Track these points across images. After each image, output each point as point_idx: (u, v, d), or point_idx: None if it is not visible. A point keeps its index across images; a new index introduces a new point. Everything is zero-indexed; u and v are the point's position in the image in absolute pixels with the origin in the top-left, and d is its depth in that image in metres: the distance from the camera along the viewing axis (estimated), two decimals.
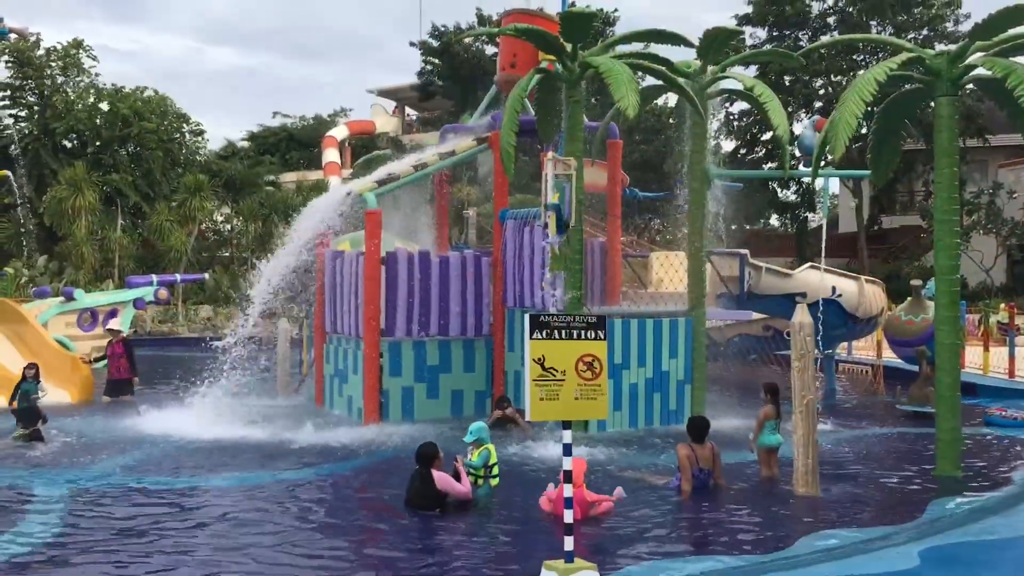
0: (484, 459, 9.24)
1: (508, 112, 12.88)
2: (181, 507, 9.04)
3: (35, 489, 9.71)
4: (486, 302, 15.26)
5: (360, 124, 49.79)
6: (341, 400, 15.37)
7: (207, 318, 32.81)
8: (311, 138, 51.36)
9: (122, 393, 16.74)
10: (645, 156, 36.01)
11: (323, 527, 8.40)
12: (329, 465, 11.22)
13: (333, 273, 15.67)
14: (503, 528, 8.42)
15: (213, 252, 40.80)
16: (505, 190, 15.57)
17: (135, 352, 17.46)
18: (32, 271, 33.01)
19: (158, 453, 11.78)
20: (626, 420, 13.66)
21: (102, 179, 37.53)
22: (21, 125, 40.63)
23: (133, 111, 40.02)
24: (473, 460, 9.25)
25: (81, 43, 41.22)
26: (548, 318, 6.68)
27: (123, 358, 16.90)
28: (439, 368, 14.82)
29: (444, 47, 39.80)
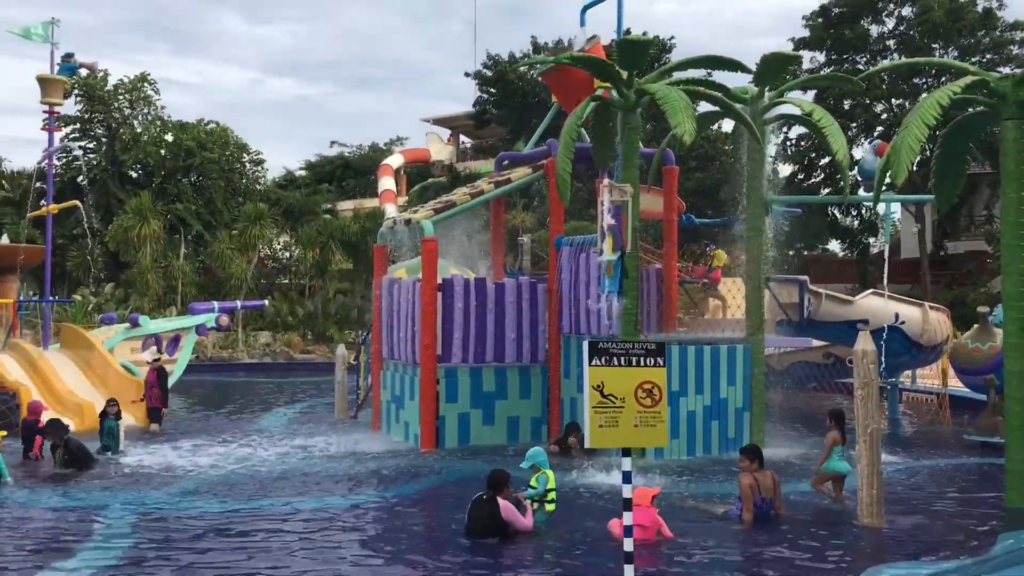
0: (543, 484, 9.21)
1: (564, 140, 12.94)
2: (241, 531, 9.16)
3: (103, 511, 9.93)
4: (542, 329, 15.27)
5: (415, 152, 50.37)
6: (398, 426, 15.46)
7: (266, 344, 33.29)
8: (367, 166, 52.10)
9: (152, 421, 16.38)
10: (701, 182, 35.82)
11: (381, 552, 8.44)
12: (386, 490, 11.28)
13: (390, 300, 15.82)
14: (563, 556, 8.37)
15: (272, 279, 41.49)
16: (561, 217, 15.62)
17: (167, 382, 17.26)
18: (99, 298, 33.88)
19: (219, 478, 11.94)
20: (683, 448, 13.51)
21: (166, 208, 38.51)
22: (90, 156, 41.95)
23: (196, 142, 41.08)
24: (532, 484, 9.22)
25: (147, 77, 42.51)
26: (607, 344, 6.67)
27: (155, 387, 16.49)
28: (495, 394, 14.85)
29: (498, 76, 40.17)
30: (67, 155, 40.35)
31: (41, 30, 22.01)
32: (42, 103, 22.12)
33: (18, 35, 21.84)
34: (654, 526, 8.64)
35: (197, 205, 40.59)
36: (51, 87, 21.91)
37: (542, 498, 9.22)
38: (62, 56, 23.00)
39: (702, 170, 36.77)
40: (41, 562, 8.00)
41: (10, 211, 39.52)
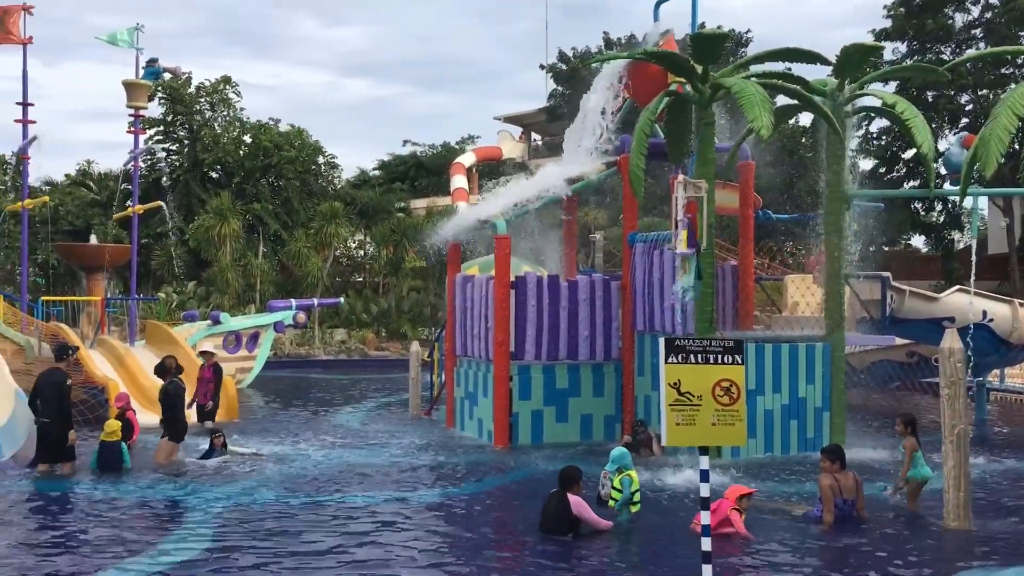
0: (627, 485, 9.16)
1: (637, 136, 12.84)
2: (319, 524, 9.31)
3: (190, 503, 10.21)
4: (615, 326, 15.18)
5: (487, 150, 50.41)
6: (471, 423, 15.54)
7: (342, 341, 33.79)
8: (439, 165, 52.44)
9: (206, 419, 15.78)
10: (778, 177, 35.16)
11: (455, 546, 8.50)
12: (460, 486, 11.36)
13: (463, 297, 15.91)
14: (637, 553, 8.31)
15: (347, 277, 42.10)
16: (634, 213, 15.50)
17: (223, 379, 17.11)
18: (182, 295, 34.83)
19: (297, 472, 12.16)
20: (761, 447, 13.29)
21: (245, 208, 39.39)
22: (173, 158, 43.16)
23: (273, 143, 41.94)
24: (615, 486, 9.18)
25: (228, 80, 43.52)
26: (684, 342, 6.60)
27: (212, 383, 16.04)
28: (568, 392, 14.82)
29: (571, 72, 40.03)
30: (151, 157, 41.57)
31: (127, 36, 22.71)
32: (128, 107, 22.84)
33: (105, 41, 22.56)
34: (730, 523, 8.58)
35: (275, 205, 41.44)
36: (136, 91, 22.61)
37: (628, 500, 9.17)
38: (147, 61, 23.70)
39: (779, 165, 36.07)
40: (129, 551, 8.26)
41: (98, 212, 40.87)
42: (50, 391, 11.89)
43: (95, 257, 27.21)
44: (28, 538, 8.79)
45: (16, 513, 9.90)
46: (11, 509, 10.07)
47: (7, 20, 21.30)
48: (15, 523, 9.44)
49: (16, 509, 10.08)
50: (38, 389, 12.11)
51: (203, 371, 16.13)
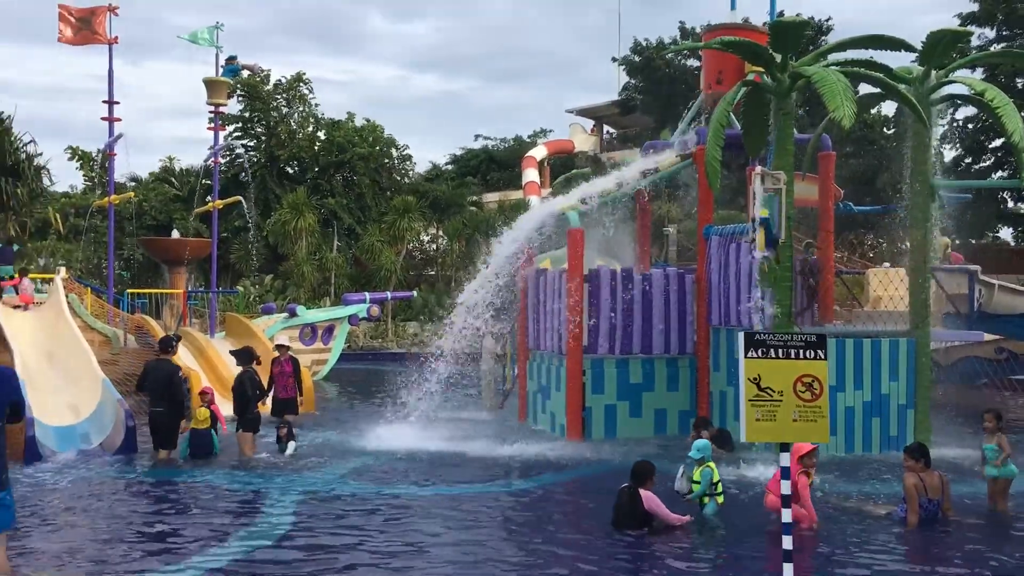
0: (707, 477, 9.06)
1: (714, 126, 12.63)
2: (395, 513, 9.40)
3: (270, 492, 10.41)
4: (690, 320, 14.98)
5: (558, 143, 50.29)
6: (544, 416, 15.52)
7: (414, 334, 34.11)
8: (511, 159, 52.53)
9: (287, 412, 14.95)
10: (858, 168, 34.29)
11: (528, 539, 8.48)
12: (533, 479, 11.35)
13: (536, 291, 15.88)
14: (712, 549, 8.18)
15: (420, 270, 42.48)
16: (710, 206, 15.27)
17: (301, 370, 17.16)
18: (259, 289, 35.59)
19: (374, 463, 12.31)
20: (841, 445, 12.97)
21: (320, 203, 40.02)
22: (251, 154, 44.08)
23: (346, 139, 42.51)
24: (695, 478, 9.07)
25: (302, 76, 44.26)
26: (764, 336, 6.45)
27: (291, 376, 15.35)
28: (642, 386, 14.68)
29: (645, 63, 39.67)
30: (230, 153, 42.54)
31: (207, 34, 23.25)
32: (208, 104, 23.39)
33: (187, 40, 23.13)
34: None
35: (348, 199, 42.01)
36: (216, 88, 23.13)
37: (711, 490, 9.06)
38: (226, 59, 24.23)
39: (860, 156, 35.19)
40: (214, 536, 8.46)
41: (179, 207, 41.98)
42: (160, 382, 12.25)
43: (177, 251, 28.01)
44: (118, 523, 9.06)
45: (109, 498, 10.21)
46: (104, 494, 10.40)
47: (94, 21, 22.00)
48: (107, 508, 9.74)
49: (110, 494, 10.40)
50: (147, 379, 12.47)
51: (282, 364, 15.68)
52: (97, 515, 9.41)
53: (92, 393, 14.44)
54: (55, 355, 16.86)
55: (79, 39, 22.09)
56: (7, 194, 29.19)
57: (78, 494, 10.38)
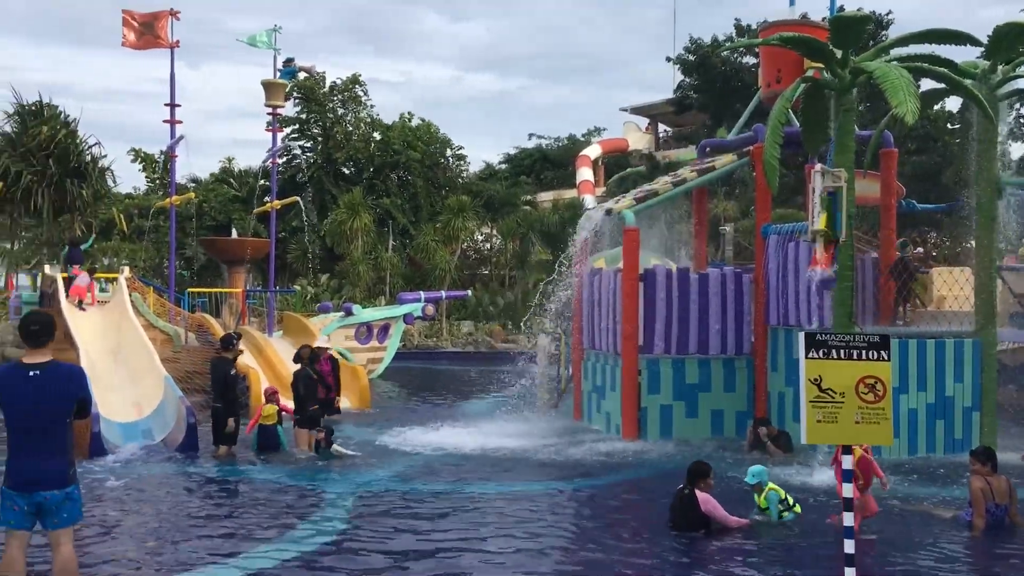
0: (774, 500, 8.87)
1: (772, 124, 12.45)
2: (452, 511, 9.43)
3: (328, 488, 10.53)
4: (747, 320, 14.80)
5: (613, 142, 50.13)
6: (599, 416, 15.46)
7: (469, 333, 34.24)
8: (565, 158, 52.46)
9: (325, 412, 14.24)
10: (922, 165, 33.56)
11: (585, 539, 8.45)
12: (589, 479, 11.32)
13: (591, 290, 15.83)
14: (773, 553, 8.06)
15: (474, 270, 42.64)
16: (767, 204, 15.07)
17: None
18: (316, 288, 36.04)
19: (429, 461, 12.37)
20: (904, 448, 12.69)
21: (375, 203, 40.39)
22: (307, 155, 44.67)
23: (401, 139, 42.84)
24: (761, 504, 8.92)
25: (358, 78, 44.71)
26: (825, 336, 6.34)
27: (331, 376, 14.87)
28: (698, 387, 14.55)
29: (700, 60, 39.30)
30: (287, 154, 43.15)
31: (265, 37, 23.57)
32: (266, 106, 23.72)
33: (246, 43, 23.48)
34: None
35: (403, 199, 42.34)
36: (274, 90, 23.45)
37: (786, 505, 8.91)
38: (283, 61, 24.55)
39: (923, 152, 34.43)
40: (272, 531, 8.58)
41: (238, 208, 42.70)
42: (218, 379, 12.50)
43: (237, 251, 28.46)
44: (177, 518, 9.24)
45: (169, 493, 10.42)
46: (165, 489, 10.62)
47: (156, 25, 22.47)
48: (167, 503, 9.94)
49: (170, 490, 10.62)
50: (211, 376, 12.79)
51: (320, 364, 14.93)
52: (157, 510, 9.60)
53: (155, 390, 14.76)
54: (119, 353, 17.29)
55: (142, 43, 22.57)
56: (73, 195, 30.00)
57: (139, 489, 10.61)
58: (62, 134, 29.81)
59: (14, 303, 26.93)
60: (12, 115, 30.67)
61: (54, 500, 5.86)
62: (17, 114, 30.56)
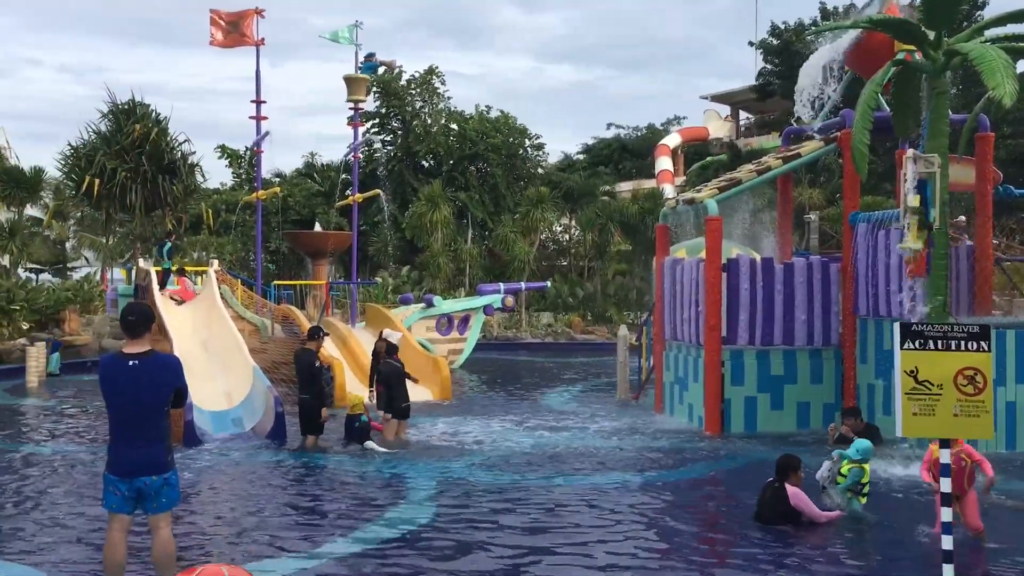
0: (856, 476, 8.70)
1: (862, 108, 12.11)
2: (534, 502, 9.45)
3: (412, 478, 10.66)
4: (835, 311, 14.45)
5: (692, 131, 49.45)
6: (681, 408, 15.30)
7: (548, 324, 34.24)
8: (643, 147, 52.00)
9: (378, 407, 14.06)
10: (1018, 149, 32.25)
11: (668, 531, 8.38)
12: (672, 471, 11.22)
13: (672, 280, 15.66)
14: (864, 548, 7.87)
15: (553, 261, 42.59)
16: (856, 191, 14.66)
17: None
18: (397, 280, 36.49)
19: (508, 452, 12.40)
20: (1001, 442, 12.23)
21: (454, 195, 40.67)
22: (387, 148, 45.20)
23: (480, 131, 43.02)
24: (843, 472, 8.75)
25: (435, 71, 45.01)
26: (922, 327, 6.15)
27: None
28: (784, 378, 14.26)
29: (784, 46, 38.48)
30: (368, 148, 43.72)
31: (347, 33, 23.92)
32: (348, 101, 24.08)
33: (328, 39, 23.86)
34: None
35: (482, 191, 42.54)
36: (356, 85, 23.78)
37: (857, 489, 8.73)
38: (365, 56, 24.89)
39: (1019, 136, 33.09)
40: (359, 520, 8.73)
41: (321, 202, 43.45)
42: (304, 370, 12.73)
43: (320, 244, 28.97)
44: (264, 505, 9.47)
45: (257, 481, 10.68)
46: (253, 477, 10.89)
47: (242, 24, 22.98)
48: (255, 490, 10.19)
49: (258, 477, 10.89)
50: (295, 367, 13.02)
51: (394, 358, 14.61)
52: (245, 497, 9.85)
53: (244, 380, 15.14)
54: (209, 344, 17.79)
55: (229, 42, 23.11)
56: (164, 191, 30.94)
57: (229, 476, 10.91)
58: (154, 132, 30.75)
59: (110, 296, 28.00)
60: (107, 114, 31.76)
61: (153, 485, 6.07)
62: (112, 113, 31.62)
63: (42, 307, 24.97)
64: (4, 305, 23.52)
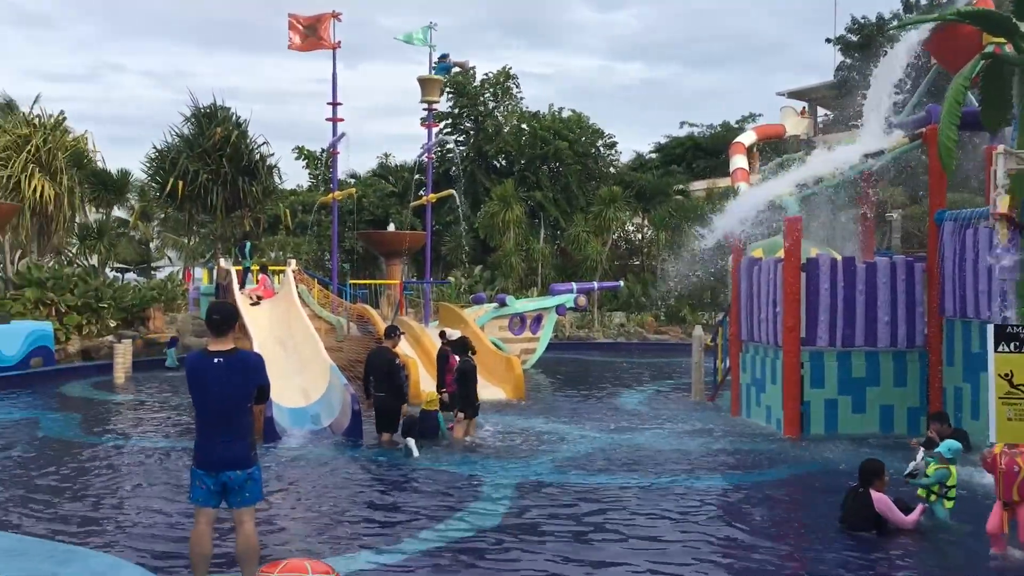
0: (941, 477, 8.45)
1: (949, 103, 11.71)
2: (611, 503, 9.39)
3: (486, 477, 10.69)
4: (919, 312, 14.04)
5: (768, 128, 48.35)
6: (759, 410, 15.04)
7: (621, 324, 34.04)
8: (717, 146, 51.26)
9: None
10: None
11: (748, 535, 8.23)
12: (751, 474, 11.03)
13: (749, 280, 15.40)
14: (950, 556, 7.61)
15: (625, 260, 42.31)
16: (942, 190, 14.23)
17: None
18: (469, 279, 36.70)
19: (582, 452, 12.35)
20: None
21: (527, 195, 40.71)
22: (460, 149, 45.52)
23: (552, 131, 42.98)
24: (928, 473, 8.50)
25: (508, 71, 45.14)
26: (1017, 329, 5.93)
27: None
28: (866, 381, 13.91)
29: (864, 41, 37.50)
30: (441, 148, 44.11)
31: (421, 34, 24.16)
32: (422, 101, 24.31)
33: (402, 41, 24.13)
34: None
35: (554, 191, 42.49)
36: (430, 86, 24.00)
37: (941, 491, 8.47)
38: (438, 57, 25.07)
39: None
40: (431, 517, 8.78)
41: (395, 202, 43.97)
42: (381, 368, 12.85)
43: (394, 244, 29.32)
44: (340, 501, 9.60)
45: (334, 477, 10.84)
46: (330, 473, 11.06)
47: (319, 27, 23.39)
48: (331, 486, 10.34)
49: (335, 474, 11.05)
50: (369, 366, 13.13)
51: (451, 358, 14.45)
52: (324, 493, 9.99)
53: (321, 378, 15.38)
54: (287, 342, 18.11)
55: (306, 45, 23.55)
56: (244, 192, 31.64)
57: (308, 472, 11.08)
58: (234, 135, 31.46)
59: (193, 295, 28.77)
60: (189, 118, 32.62)
61: (237, 480, 6.20)
62: (194, 117, 32.47)
63: (128, 305, 25.78)
64: (92, 303, 24.33)
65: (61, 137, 30.09)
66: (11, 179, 27.77)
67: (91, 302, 24.34)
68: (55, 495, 9.67)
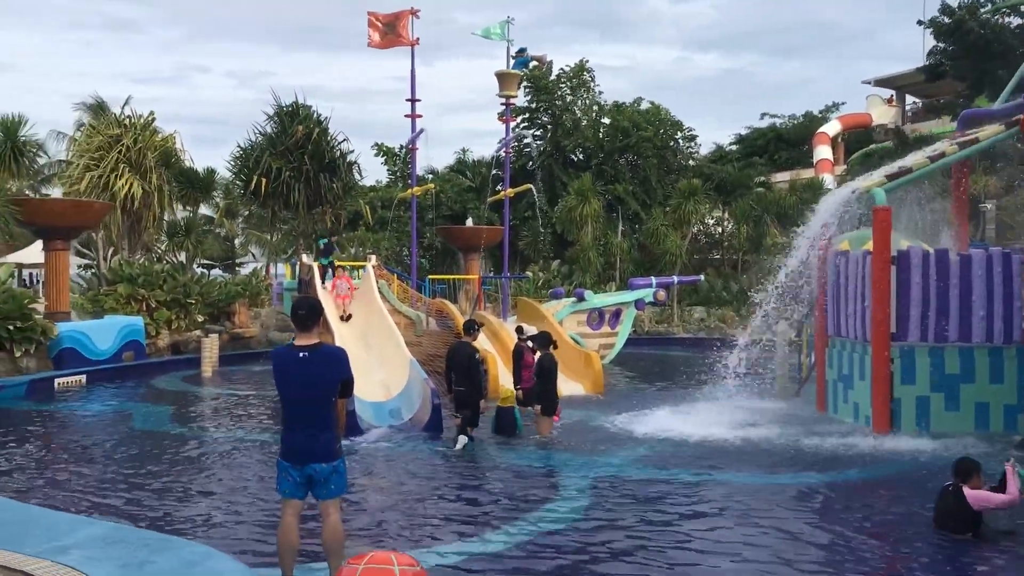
0: None
1: None
2: (691, 499, 9.26)
3: (565, 473, 10.64)
4: (1017, 306, 13.48)
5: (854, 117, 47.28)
6: (846, 407, 14.64)
7: (701, 319, 33.57)
8: (800, 136, 50.19)
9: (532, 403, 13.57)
10: None
11: (837, 536, 8.01)
12: (840, 472, 10.76)
13: (836, 274, 15.00)
14: None
15: (705, 254, 41.71)
16: None
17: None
18: (547, 274, 36.62)
19: (664, 448, 12.21)
20: None
21: (604, 189, 40.44)
22: (537, 143, 45.45)
23: (631, 123, 42.59)
24: (1021, 474, 8.16)
25: (585, 64, 44.87)
26: None
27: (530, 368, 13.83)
28: (960, 377, 13.41)
29: (956, 24, 36.24)
30: (518, 143, 44.07)
31: (499, 29, 24.14)
32: (499, 96, 24.30)
33: (480, 36, 24.15)
34: None
35: (633, 184, 42.14)
36: (508, 81, 23.97)
37: None
38: (516, 51, 25.04)
39: None
40: (516, 512, 8.78)
41: (472, 197, 44.12)
42: (461, 363, 12.88)
43: (472, 239, 29.42)
44: (419, 496, 9.67)
45: (413, 471, 10.93)
46: (410, 467, 11.15)
47: (398, 25, 23.58)
48: (410, 481, 10.42)
49: (415, 468, 11.14)
50: (450, 361, 13.15)
51: (525, 354, 14.14)
52: (406, 486, 10.08)
53: (401, 372, 15.52)
54: (368, 336, 18.34)
55: (385, 43, 23.76)
56: (325, 189, 32.13)
57: (390, 466, 11.20)
58: (315, 132, 31.94)
59: (276, 290, 29.34)
60: (272, 117, 33.26)
61: (323, 472, 6.26)
62: (276, 115, 33.09)
63: (215, 301, 26.44)
64: (181, 299, 25.02)
65: (150, 137, 30.97)
66: (102, 178, 28.70)
67: (180, 297, 25.03)
68: (149, 485, 9.96)
